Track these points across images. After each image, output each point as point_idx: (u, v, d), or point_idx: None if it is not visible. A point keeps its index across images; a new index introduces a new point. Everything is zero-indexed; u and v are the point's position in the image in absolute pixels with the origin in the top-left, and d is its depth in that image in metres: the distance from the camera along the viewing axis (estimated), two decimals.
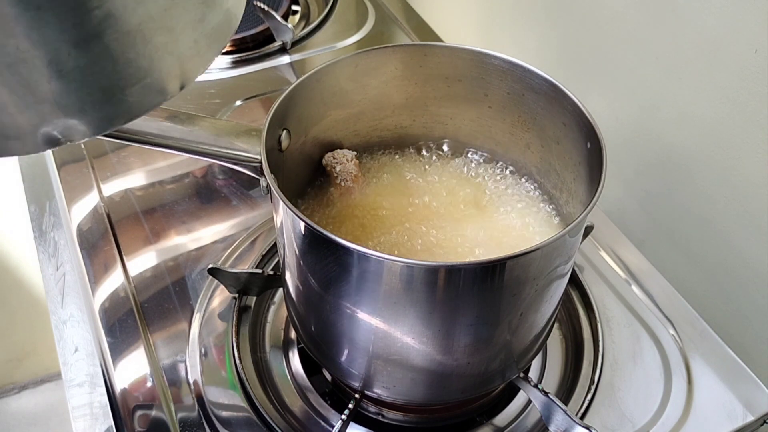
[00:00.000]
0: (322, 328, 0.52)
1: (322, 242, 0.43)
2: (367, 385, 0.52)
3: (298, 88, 0.52)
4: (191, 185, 0.79)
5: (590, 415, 0.58)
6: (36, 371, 1.59)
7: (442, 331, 0.46)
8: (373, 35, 1.01)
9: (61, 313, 0.67)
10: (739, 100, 0.65)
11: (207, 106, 0.88)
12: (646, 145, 0.79)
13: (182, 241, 0.72)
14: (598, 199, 0.44)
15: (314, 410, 0.59)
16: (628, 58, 0.77)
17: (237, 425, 0.57)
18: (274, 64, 0.96)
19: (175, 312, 0.66)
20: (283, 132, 0.52)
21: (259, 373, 0.62)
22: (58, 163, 0.80)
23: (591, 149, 0.49)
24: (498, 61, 0.54)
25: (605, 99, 0.82)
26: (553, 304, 0.51)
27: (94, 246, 0.72)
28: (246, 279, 0.64)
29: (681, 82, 0.71)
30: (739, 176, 0.68)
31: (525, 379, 0.56)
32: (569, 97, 0.51)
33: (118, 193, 0.77)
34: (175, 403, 0.59)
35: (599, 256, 0.71)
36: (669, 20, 0.70)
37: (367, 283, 0.44)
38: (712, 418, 0.58)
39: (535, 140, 0.57)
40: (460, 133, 0.62)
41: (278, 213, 0.48)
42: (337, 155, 0.59)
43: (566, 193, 0.56)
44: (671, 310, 0.66)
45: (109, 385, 0.61)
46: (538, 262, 0.43)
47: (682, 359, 0.62)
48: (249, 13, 1.01)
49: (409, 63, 0.57)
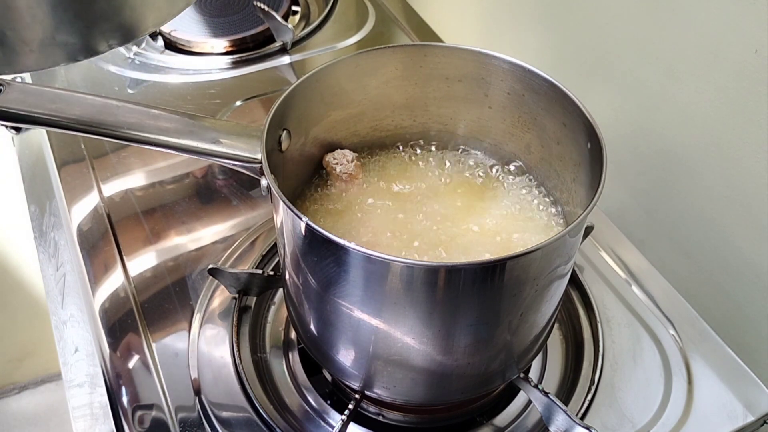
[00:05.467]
0: (322, 329, 0.52)
1: (322, 242, 0.43)
2: (367, 385, 0.52)
3: (298, 89, 0.52)
4: (191, 185, 0.79)
5: (590, 415, 0.58)
6: (36, 371, 1.59)
7: (442, 331, 0.46)
8: (373, 35, 1.01)
9: (61, 314, 0.67)
10: (739, 100, 0.65)
11: (207, 106, 0.88)
12: (647, 145, 0.79)
13: (182, 241, 0.72)
14: (599, 200, 0.44)
15: (314, 410, 0.59)
16: (628, 58, 0.77)
17: (237, 425, 0.57)
18: (274, 64, 0.96)
19: (175, 312, 0.66)
20: (283, 132, 0.52)
21: (259, 373, 0.62)
22: (59, 163, 0.80)
23: (591, 149, 0.49)
24: (498, 62, 0.54)
25: (605, 99, 0.82)
26: (553, 305, 0.51)
27: (94, 246, 0.72)
28: (246, 279, 0.64)
29: (681, 82, 0.71)
30: (739, 176, 0.68)
31: (525, 379, 0.56)
32: (569, 97, 0.51)
33: (118, 194, 0.77)
34: (175, 403, 0.59)
35: (599, 256, 0.71)
36: (669, 20, 0.70)
37: (367, 284, 0.44)
38: (712, 418, 0.58)
39: (535, 140, 0.57)
40: (460, 134, 0.62)
41: (278, 213, 0.48)
42: (337, 155, 0.59)
43: (566, 193, 0.56)
44: (671, 310, 0.66)
45: (109, 385, 0.61)
46: (538, 262, 0.43)
47: (682, 359, 0.62)
48: (249, 14, 1.01)
49: (409, 63, 0.57)
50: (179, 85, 0.91)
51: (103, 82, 0.92)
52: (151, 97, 0.90)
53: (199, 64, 0.95)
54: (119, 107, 0.50)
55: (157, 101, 0.88)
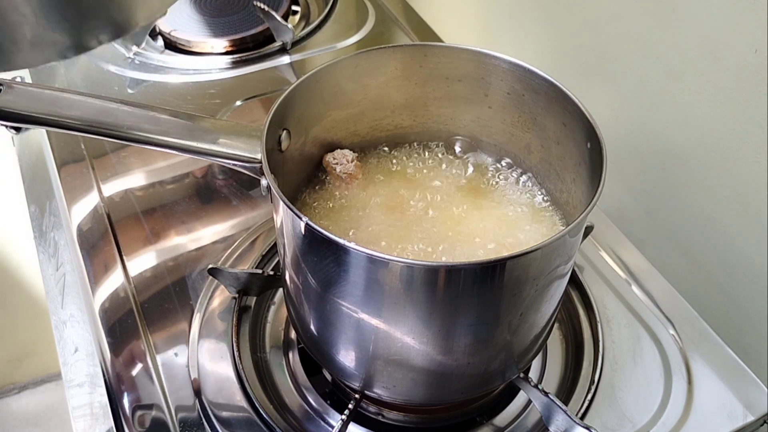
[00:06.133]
0: (322, 329, 0.52)
1: (322, 242, 0.43)
2: (367, 385, 0.52)
3: (298, 88, 0.52)
4: (191, 185, 0.79)
5: (590, 415, 0.58)
6: (36, 371, 1.59)
7: (442, 331, 0.46)
8: (373, 35, 1.01)
9: (61, 314, 0.67)
10: (739, 100, 0.65)
11: (207, 106, 0.88)
12: (647, 145, 0.79)
13: (182, 241, 0.72)
14: (599, 200, 0.44)
15: (314, 410, 0.59)
16: (628, 58, 0.77)
17: (237, 425, 0.57)
18: (274, 64, 0.96)
19: (175, 312, 0.66)
20: (283, 132, 0.52)
21: (259, 373, 0.62)
22: (58, 163, 0.80)
23: (591, 149, 0.49)
24: (498, 61, 0.54)
25: (605, 99, 0.82)
26: (553, 304, 0.51)
27: (94, 246, 0.72)
28: (246, 279, 0.64)
29: (681, 82, 0.71)
30: (739, 176, 0.68)
31: (525, 379, 0.56)
32: (569, 97, 0.51)
33: (118, 193, 0.77)
34: (175, 403, 0.59)
35: (599, 256, 0.71)
36: (669, 20, 0.70)
37: (367, 283, 0.44)
38: (712, 418, 0.58)
39: (535, 140, 0.57)
40: (460, 134, 0.62)
41: (278, 213, 0.48)
42: (337, 155, 0.59)
43: (566, 193, 0.56)
44: (671, 310, 0.66)
45: (109, 385, 0.61)
46: (538, 262, 0.43)
47: (682, 359, 0.62)
48: (249, 14, 1.01)
49: (409, 63, 0.57)
50: (179, 85, 0.91)
51: (103, 82, 0.92)
52: (151, 97, 0.90)
53: (199, 64, 0.95)
54: (119, 107, 0.50)
55: (157, 101, 0.88)
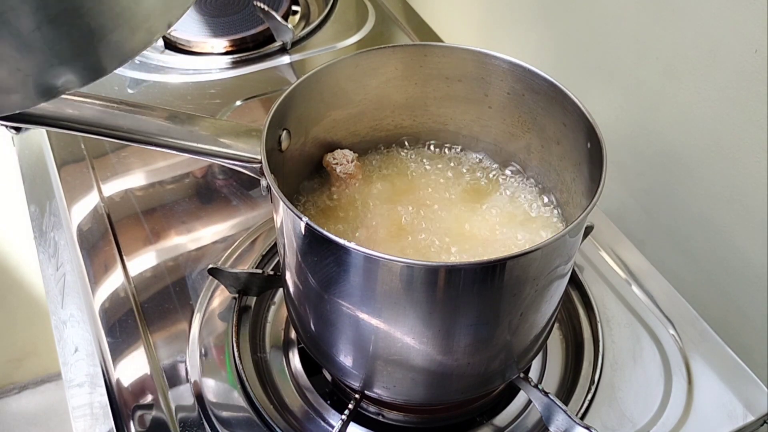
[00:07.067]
0: (322, 328, 0.52)
1: (322, 242, 0.43)
2: (367, 385, 0.52)
3: (298, 88, 0.52)
4: (191, 185, 0.79)
5: (590, 415, 0.58)
6: (36, 371, 1.59)
7: (442, 331, 0.46)
8: (373, 35, 1.01)
9: (61, 313, 0.67)
10: (739, 100, 0.65)
11: (207, 106, 0.88)
12: (647, 145, 0.79)
13: (182, 241, 0.72)
14: (599, 200, 0.44)
15: (314, 410, 0.59)
16: (628, 58, 0.77)
17: (237, 425, 0.57)
18: (274, 64, 0.96)
19: (175, 312, 0.66)
20: (283, 132, 0.52)
21: (259, 373, 0.62)
22: (58, 163, 0.80)
23: (591, 149, 0.49)
24: (498, 61, 0.54)
25: (605, 99, 0.82)
26: (553, 304, 0.51)
27: (94, 246, 0.72)
28: (246, 279, 0.64)
29: (681, 82, 0.71)
30: (739, 176, 0.68)
31: (525, 379, 0.56)
32: (569, 97, 0.51)
33: (118, 193, 0.77)
34: (175, 403, 0.59)
35: (599, 256, 0.71)
36: (669, 20, 0.70)
37: (367, 283, 0.44)
38: (712, 418, 0.58)
39: (535, 140, 0.57)
40: (460, 134, 0.62)
41: (278, 213, 0.48)
42: (337, 155, 0.59)
43: (566, 193, 0.56)
44: (671, 310, 0.66)
45: (109, 385, 0.61)
46: (538, 262, 0.44)
47: (682, 359, 0.62)
48: (249, 14, 1.01)
49: (409, 63, 0.57)
50: (179, 85, 0.91)
51: (103, 81, 0.91)
52: (151, 96, 0.90)
53: (199, 64, 0.95)
54: (119, 107, 0.50)
55: (157, 101, 0.88)
